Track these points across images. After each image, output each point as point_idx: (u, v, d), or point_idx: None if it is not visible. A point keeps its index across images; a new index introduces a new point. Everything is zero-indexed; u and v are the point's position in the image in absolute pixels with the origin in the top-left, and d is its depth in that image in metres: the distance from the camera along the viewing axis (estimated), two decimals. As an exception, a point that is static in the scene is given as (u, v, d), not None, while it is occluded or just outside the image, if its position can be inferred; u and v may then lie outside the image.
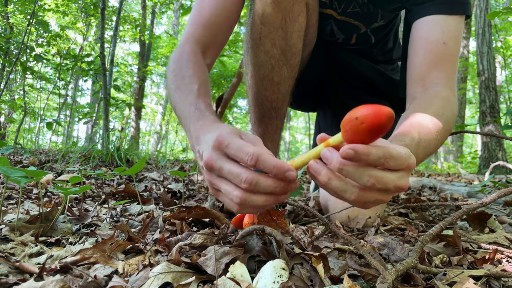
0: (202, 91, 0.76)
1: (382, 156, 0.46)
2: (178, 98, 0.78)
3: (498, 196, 0.62)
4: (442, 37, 0.91)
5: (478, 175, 3.72)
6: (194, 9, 1.00)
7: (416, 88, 0.93)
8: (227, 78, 6.99)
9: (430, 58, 0.92)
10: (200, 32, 0.95)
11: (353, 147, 0.44)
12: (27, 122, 10.48)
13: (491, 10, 6.18)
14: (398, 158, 0.47)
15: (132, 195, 1.27)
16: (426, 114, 0.76)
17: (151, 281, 0.48)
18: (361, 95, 1.27)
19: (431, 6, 0.93)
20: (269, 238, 0.65)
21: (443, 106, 0.83)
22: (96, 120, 7.15)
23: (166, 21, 18.64)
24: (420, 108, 0.80)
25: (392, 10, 1.12)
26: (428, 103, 0.84)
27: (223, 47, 1.03)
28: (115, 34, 4.40)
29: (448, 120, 0.80)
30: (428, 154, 0.74)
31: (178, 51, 0.92)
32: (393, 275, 0.48)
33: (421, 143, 0.68)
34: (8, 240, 0.66)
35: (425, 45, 0.93)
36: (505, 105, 10.14)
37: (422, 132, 0.70)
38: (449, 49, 0.91)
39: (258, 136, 1.15)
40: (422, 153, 0.70)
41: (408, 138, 0.66)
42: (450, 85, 0.90)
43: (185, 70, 0.83)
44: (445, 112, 0.81)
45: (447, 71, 0.91)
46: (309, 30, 1.07)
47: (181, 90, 0.78)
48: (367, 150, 0.45)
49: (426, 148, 0.71)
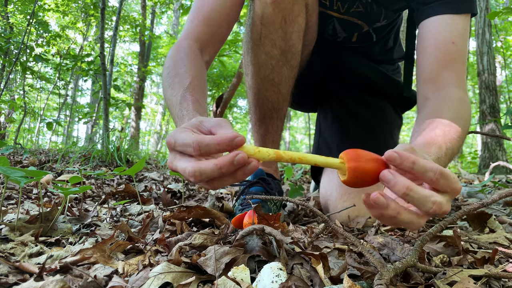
0: (190, 88, 0.74)
1: (431, 169, 0.45)
2: (169, 96, 0.77)
3: (499, 197, 0.62)
4: (451, 37, 0.91)
5: (478, 175, 3.72)
6: (194, 5, 0.99)
7: (428, 88, 0.92)
8: (227, 78, 6.99)
9: (440, 58, 0.92)
10: (199, 29, 0.95)
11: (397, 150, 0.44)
12: (27, 122, 10.48)
13: (491, 10, 6.19)
14: (448, 177, 0.46)
15: (132, 195, 1.27)
16: (445, 119, 0.76)
17: (151, 281, 0.48)
18: (362, 95, 1.27)
19: (438, 6, 0.93)
20: (269, 238, 0.65)
21: (459, 108, 0.83)
22: (96, 120, 7.15)
23: (166, 21, 18.64)
24: (438, 112, 0.80)
25: (396, 10, 1.12)
26: (445, 106, 0.83)
27: (222, 44, 1.03)
28: (115, 34, 4.40)
29: (466, 123, 0.81)
30: (451, 160, 0.74)
31: (175, 47, 0.92)
32: (391, 272, 0.48)
33: (448, 152, 0.68)
34: (8, 240, 0.66)
35: (434, 45, 0.92)
36: (505, 105, 10.14)
37: (447, 141, 0.69)
38: (459, 48, 0.91)
39: (259, 136, 1.15)
40: (447, 161, 0.70)
41: (436, 150, 0.65)
42: (462, 84, 0.90)
43: (178, 67, 0.82)
44: (463, 115, 0.81)
45: (458, 71, 0.91)
46: (309, 31, 1.07)
47: (172, 88, 0.77)
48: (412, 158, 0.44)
49: (451, 156, 0.70)
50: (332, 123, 1.26)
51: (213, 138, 0.46)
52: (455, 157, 0.76)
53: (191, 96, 0.72)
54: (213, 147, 0.45)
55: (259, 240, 0.64)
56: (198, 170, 0.45)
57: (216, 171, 0.45)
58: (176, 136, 0.49)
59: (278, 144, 1.19)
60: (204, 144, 0.45)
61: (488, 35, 5.52)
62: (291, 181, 2.37)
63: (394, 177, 0.44)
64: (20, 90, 7.68)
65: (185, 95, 0.72)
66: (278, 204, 1.03)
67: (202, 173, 0.45)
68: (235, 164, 0.45)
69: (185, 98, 0.71)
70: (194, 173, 0.45)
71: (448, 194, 0.47)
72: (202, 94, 0.76)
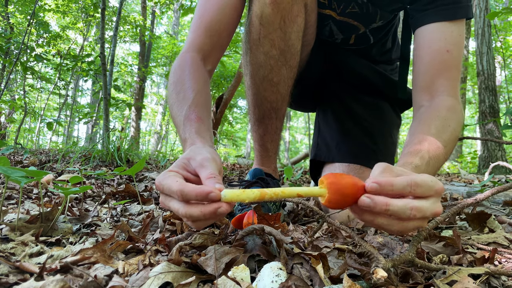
0: (193, 105, 0.80)
1: (407, 184, 0.50)
2: (175, 114, 0.83)
3: (492, 193, 0.63)
4: (446, 45, 0.92)
5: (478, 175, 3.72)
6: (196, 15, 1.02)
7: (423, 96, 0.95)
8: (227, 78, 6.99)
9: (435, 67, 0.93)
10: (201, 40, 0.97)
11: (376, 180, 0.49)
12: (27, 122, 10.48)
13: (490, 10, 6.19)
14: (424, 184, 0.50)
15: (132, 195, 1.27)
16: (434, 127, 0.80)
17: (151, 281, 0.48)
18: (361, 95, 1.27)
19: (433, 13, 0.94)
20: (269, 238, 0.66)
21: (449, 117, 0.85)
22: (97, 120, 7.15)
23: (166, 21, 18.64)
24: (428, 120, 0.84)
25: (391, 11, 1.12)
26: (434, 115, 0.86)
27: (224, 52, 1.05)
28: (115, 34, 4.40)
29: (454, 131, 0.83)
30: (438, 169, 0.78)
31: (179, 60, 0.94)
32: (389, 263, 0.48)
33: (431, 161, 0.72)
34: (8, 240, 0.67)
35: (429, 54, 0.94)
36: (504, 105, 10.14)
37: (431, 150, 0.73)
38: (453, 56, 0.92)
39: (258, 136, 1.16)
40: (432, 171, 0.74)
41: (418, 159, 0.70)
42: (454, 93, 0.92)
43: (182, 82, 0.87)
44: (451, 124, 0.83)
45: (452, 78, 0.93)
46: (308, 31, 1.07)
47: (177, 106, 0.83)
48: (390, 181, 0.49)
49: (435, 165, 0.74)
50: (331, 123, 1.27)
51: (193, 189, 0.52)
52: (443, 164, 0.81)
53: (194, 114, 0.77)
54: (192, 197, 0.52)
55: (259, 240, 0.64)
56: (188, 213, 0.53)
57: (201, 216, 0.52)
58: (163, 182, 0.56)
59: (277, 144, 1.19)
60: (185, 193, 0.52)
61: (488, 35, 5.51)
62: (291, 181, 2.37)
63: (372, 200, 0.49)
64: (21, 90, 7.69)
65: (188, 114, 0.78)
66: (277, 204, 1.04)
67: (191, 216, 0.53)
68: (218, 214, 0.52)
69: (189, 118, 0.77)
70: (185, 215, 0.53)
71: (433, 197, 0.52)
72: (205, 108, 0.82)
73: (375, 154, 1.17)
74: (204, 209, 0.52)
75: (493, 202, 1.30)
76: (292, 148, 22.50)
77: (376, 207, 0.49)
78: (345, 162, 1.13)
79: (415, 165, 0.68)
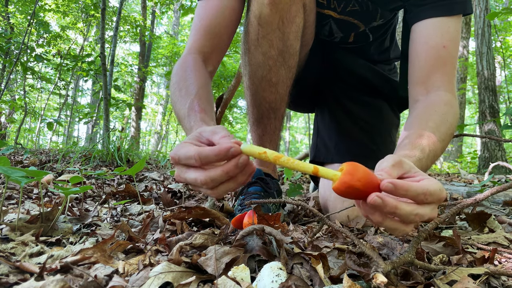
0: (197, 98, 0.80)
1: (422, 193, 0.51)
2: (178, 109, 0.83)
3: (491, 193, 0.63)
4: (442, 41, 0.93)
5: (478, 175, 3.72)
6: (195, 17, 1.03)
7: (418, 90, 0.95)
8: (227, 78, 7.00)
9: (431, 62, 0.94)
10: (201, 42, 0.99)
11: (393, 181, 0.49)
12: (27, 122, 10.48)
13: (490, 11, 6.18)
14: (435, 194, 0.51)
15: (133, 195, 1.27)
16: (432, 122, 0.81)
17: (151, 281, 0.48)
18: (359, 95, 1.27)
19: (431, 9, 0.94)
20: (269, 238, 0.66)
21: (446, 112, 0.86)
22: (97, 120, 7.15)
23: (166, 21, 18.64)
24: (425, 114, 0.85)
25: (392, 10, 1.12)
26: (432, 109, 0.87)
27: (224, 53, 1.07)
28: (116, 35, 4.40)
29: (451, 126, 0.85)
30: (434, 162, 0.79)
31: (180, 62, 0.95)
32: (388, 265, 0.48)
33: (430, 154, 0.73)
34: (8, 240, 0.67)
35: (425, 49, 0.94)
36: (504, 105, 10.14)
37: (430, 143, 0.75)
38: (449, 51, 0.93)
39: (257, 137, 1.16)
40: (430, 163, 0.75)
41: (420, 152, 0.71)
42: (451, 88, 0.93)
43: (184, 80, 0.87)
44: (449, 118, 0.84)
45: (448, 73, 0.94)
46: (307, 31, 1.07)
47: (180, 101, 0.83)
48: (405, 187, 0.49)
49: (433, 158, 0.76)
50: (330, 123, 1.27)
51: (212, 149, 0.50)
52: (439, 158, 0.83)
53: (198, 106, 0.77)
54: (212, 158, 0.50)
55: (259, 240, 0.64)
56: (209, 177, 0.50)
57: (224, 176, 0.50)
58: (179, 152, 0.54)
59: (276, 144, 1.19)
60: (204, 155, 0.50)
61: (488, 35, 5.51)
62: (290, 181, 2.38)
63: (383, 200, 0.49)
64: (21, 90, 7.69)
65: (192, 106, 0.78)
66: (277, 204, 1.04)
67: (212, 179, 0.51)
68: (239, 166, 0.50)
69: (192, 109, 0.77)
70: (206, 181, 0.51)
71: (434, 204, 0.53)
72: (208, 103, 0.82)
73: (374, 153, 1.17)
74: (225, 167, 0.50)
75: (493, 202, 1.30)
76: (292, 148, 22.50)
77: (385, 208, 0.49)
78: (344, 162, 1.14)
79: (418, 158, 0.69)
